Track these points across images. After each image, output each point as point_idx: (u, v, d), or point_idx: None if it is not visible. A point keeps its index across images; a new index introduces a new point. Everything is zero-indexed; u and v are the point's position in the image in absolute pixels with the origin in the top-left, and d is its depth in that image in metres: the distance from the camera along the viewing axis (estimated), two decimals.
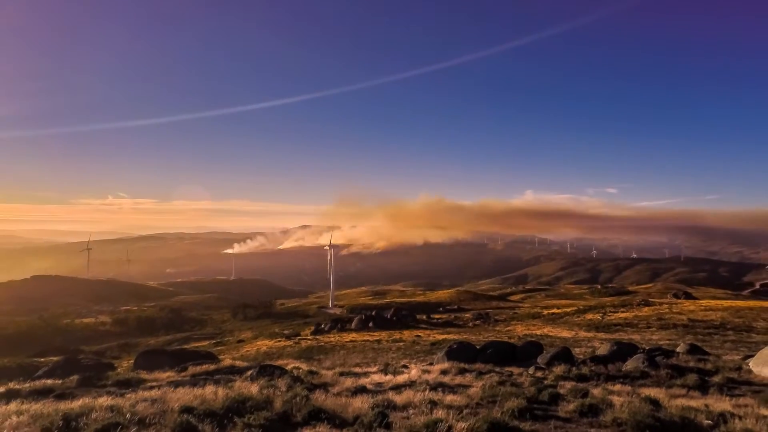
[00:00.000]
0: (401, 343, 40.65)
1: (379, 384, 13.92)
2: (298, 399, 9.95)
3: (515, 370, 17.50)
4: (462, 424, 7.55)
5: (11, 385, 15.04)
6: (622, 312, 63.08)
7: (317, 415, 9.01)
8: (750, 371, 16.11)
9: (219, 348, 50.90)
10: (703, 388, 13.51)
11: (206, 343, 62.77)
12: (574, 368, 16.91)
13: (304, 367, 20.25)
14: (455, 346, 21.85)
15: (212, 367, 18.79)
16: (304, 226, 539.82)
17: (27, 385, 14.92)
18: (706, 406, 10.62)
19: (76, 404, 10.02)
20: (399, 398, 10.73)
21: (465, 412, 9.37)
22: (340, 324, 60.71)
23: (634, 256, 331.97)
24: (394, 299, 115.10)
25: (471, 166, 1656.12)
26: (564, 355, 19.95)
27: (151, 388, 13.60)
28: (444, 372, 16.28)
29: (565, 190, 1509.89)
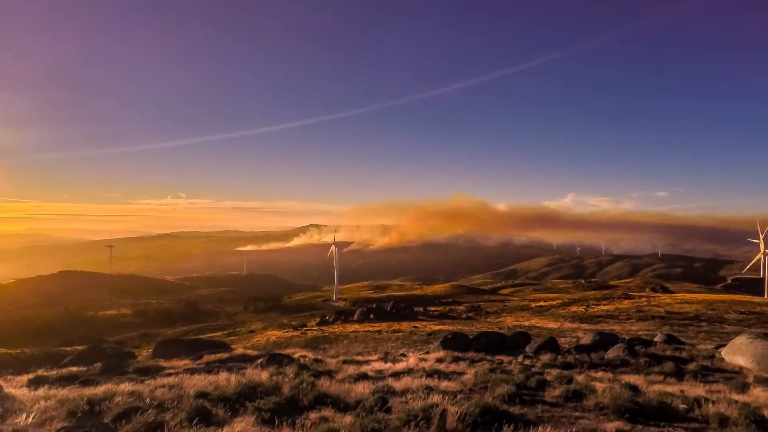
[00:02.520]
0: (400, 334, 40.61)
1: (379, 371, 13.92)
2: (304, 385, 9.96)
3: (505, 358, 17.50)
4: (456, 408, 7.55)
5: (40, 372, 15.05)
6: (604, 305, 63.00)
7: (322, 399, 9.04)
8: (722, 359, 16.11)
9: (231, 338, 50.88)
10: (679, 375, 13.52)
11: (220, 333, 62.72)
12: (559, 357, 16.92)
13: (310, 355, 20.25)
14: (450, 336, 21.87)
15: (225, 355, 18.80)
16: (316, 226, 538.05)
17: (54, 372, 14.93)
18: (682, 391, 10.62)
19: (100, 390, 10.03)
20: (398, 384, 10.74)
21: (459, 397, 9.39)
22: (343, 316, 60.67)
23: (615, 253, 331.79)
24: (394, 293, 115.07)
25: (516, 169, 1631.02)
26: (550, 344, 19.96)
27: (169, 374, 13.61)
28: (439, 360, 16.28)
29: (607, 193, 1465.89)
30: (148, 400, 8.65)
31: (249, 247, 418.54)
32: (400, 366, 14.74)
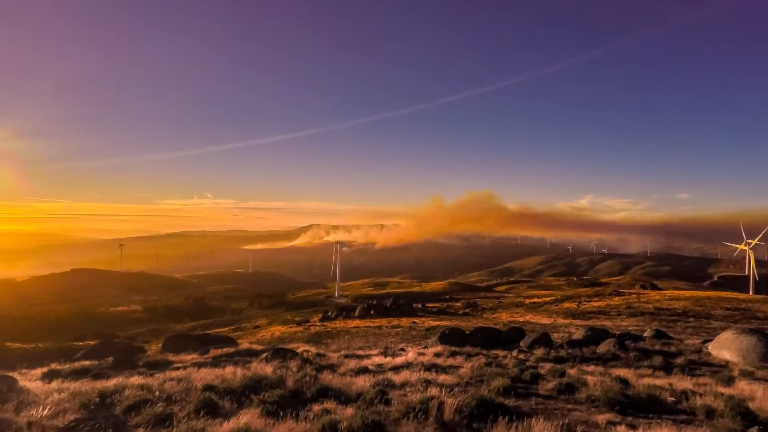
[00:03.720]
0: (399, 329, 40.58)
1: (379, 365, 13.92)
2: (307, 378, 9.98)
3: (500, 352, 17.50)
4: (453, 401, 7.56)
5: (53, 365, 15.07)
6: (596, 301, 63.03)
7: (325, 392, 9.06)
8: (709, 354, 16.12)
9: (237, 333, 50.84)
10: (667, 368, 13.52)
11: (226, 328, 62.69)
12: (552, 351, 16.91)
13: (313, 350, 20.23)
14: (447, 332, 21.83)
15: (231, 350, 18.79)
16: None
17: (67, 366, 14.95)
18: (670, 384, 10.63)
19: (111, 383, 10.05)
20: (397, 378, 10.74)
21: (456, 390, 9.39)
22: (345, 312, 60.63)
23: (606, 251, 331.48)
24: (393, 290, 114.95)
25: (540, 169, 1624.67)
26: (544, 339, 19.94)
27: (177, 368, 13.61)
28: (437, 354, 16.27)
29: (627, 195, 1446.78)
30: (157, 393, 8.67)
31: (258, 246, 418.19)
32: (399, 360, 14.75)
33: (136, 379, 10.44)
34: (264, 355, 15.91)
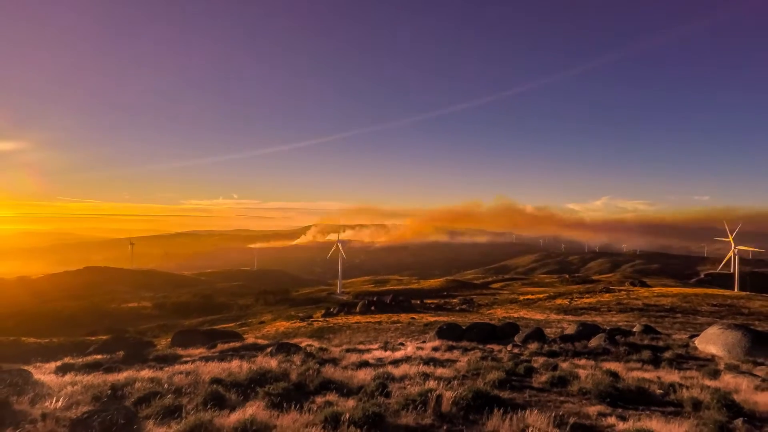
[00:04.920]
0: (399, 324, 40.58)
1: (379, 359, 13.91)
2: (310, 372, 9.97)
3: (496, 347, 17.49)
4: (451, 393, 7.57)
5: (66, 359, 15.05)
6: (587, 298, 63.02)
7: (327, 385, 9.05)
8: (696, 348, 16.11)
9: (243, 328, 50.82)
10: (655, 362, 13.52)
11: (232, 324, 62.65)
12: (545, 345, 16.92)
13: (316, 344, 20.23)
14: (445, 327, 21.84)
15: (237, 344, 18.78)
16: (316, 225, 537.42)
17: (80, 359, 14.93)
18: (659, 377, 10.63)
19: (122, 376, 10.05)
20: (397, 371, 10.74)
21: (453, 382, 9.39)
22: (346, 308, 60.62)
23: (597, 250, 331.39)
24: (393, 287, 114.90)
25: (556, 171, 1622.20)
26: (537, 334, 19.95)
27: (186, 362, 13.60)
28: (435, 349, 16.27)
29: (643, 197, 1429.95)
30: (166, 386, 8.66)
31: (262, 244, 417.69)
32: (399, 354, 14.74)
33: (147, 373, 10.45)
34: (269, 349, 15.90)
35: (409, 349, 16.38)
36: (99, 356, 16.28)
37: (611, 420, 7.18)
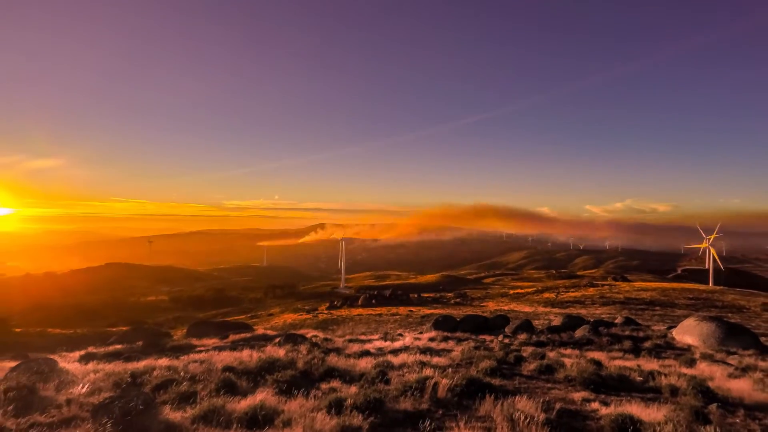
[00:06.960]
0: (398, 316, 40.59)
1: (380, 348, 13.91)
2: (316, 360, 9.98)
3: (488, 337, 17.50)
4: (446, 380, 7.57)
5: (89, 349, 15.07)
6: (573, 292, 63.00)
7: (331, 373, 9.06)
8: (673, 338, 16.11)
9: (253, 320, 50.85)
10: (636, 351, 13.52)
11: (243, 316, 62.68)
12: (534, 336, 16.91)
13: (321, 335, 20.24)
14: (440, 319, 21.84)
15: (248, 335, 18.79)
16: (321, 225, 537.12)
17: (102, 349, 14.95)
18: (639, 366, 10.63)
19: (141, 364, 10.05)
20: (396, 359, 10.74)
21: (448, 370, 9.39)
22: (349, 301, 60.65)
23: (581, 247, 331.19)
24: (393, 282, 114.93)
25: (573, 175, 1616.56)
26: (526, 326, 19.95)
27: (200, 351, 13.61)
28: (431, 339, 16.28)
29: (668, 200, 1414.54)
30: (182, 374, 8.67)
31: (272, 242, 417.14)
32: (397, 344, 14.74)
33: (164, 361, 10.45)
34: (277, 339, 15.90)
35: (408, 339, 16.37)
36: (119, 346, 16.29)
37: (595, 405, 7.20)
